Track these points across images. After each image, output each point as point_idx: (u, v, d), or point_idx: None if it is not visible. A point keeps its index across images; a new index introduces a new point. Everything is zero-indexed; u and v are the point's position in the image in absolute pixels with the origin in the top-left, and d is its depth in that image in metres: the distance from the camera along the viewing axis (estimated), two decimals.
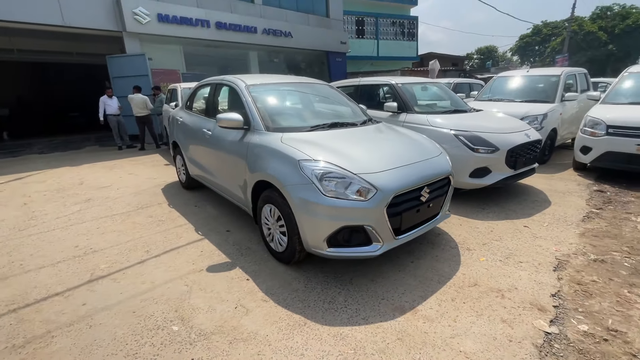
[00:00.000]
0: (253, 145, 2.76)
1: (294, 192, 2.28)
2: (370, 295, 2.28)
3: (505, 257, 2.76)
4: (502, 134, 3.85)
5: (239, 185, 3.03)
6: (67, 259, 2.87)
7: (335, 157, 2.36)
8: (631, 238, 3.04)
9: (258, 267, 2.65)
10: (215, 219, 3.64)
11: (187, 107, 4.39)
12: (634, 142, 4.40)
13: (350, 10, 17.39)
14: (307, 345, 1.85)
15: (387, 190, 2.22)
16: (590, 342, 1.85)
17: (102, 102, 8.43)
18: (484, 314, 2.07)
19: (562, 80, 5.92)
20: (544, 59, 33.02)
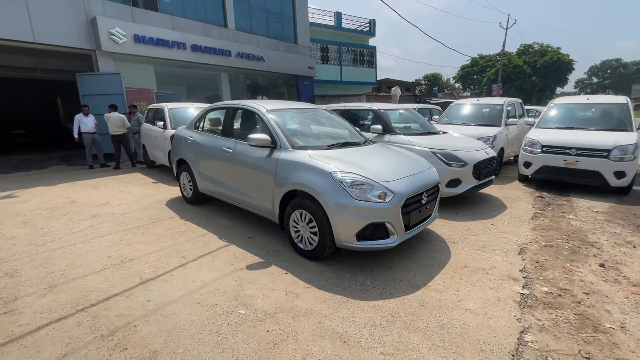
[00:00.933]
0: (282, 161, 3.27)
1: (328, 198, 2.83)
2: (390, 278, 2.87)
3: (481, 247, 3.53)
4: (469, 152, 4.77)
5: (264, 195, 3.49)
6: (107, 267, 3.08)
7: (357, 169, 2.97)
8: (567, 230, 4.01)
9: (290, 264, 3.11)
10: (233, 228, 4.01)
11: (195, 128, 4.75)
12: (561, 158, 5.62)
13: (316, 39, 18.64)
14: (354, 315, 2.37)
15: (401, 194, 2.87)
16: (550, 297, 2.60)
17: (77, 120, 8.25)
18: (477, 285, 2.76)
19: (504, 108, 7.23)
20: (482, 86, 37.42)
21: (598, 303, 2.52)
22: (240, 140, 3.88)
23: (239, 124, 4.23)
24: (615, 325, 2.26)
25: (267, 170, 3.41)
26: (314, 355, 1.99)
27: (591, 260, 3.22)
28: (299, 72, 16.09)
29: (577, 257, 3.28)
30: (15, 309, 2.45)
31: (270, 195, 3.41)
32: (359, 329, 2.21)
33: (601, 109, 6.37)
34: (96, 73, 9.82)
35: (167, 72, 12.59)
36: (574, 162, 5.51)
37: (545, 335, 2.16)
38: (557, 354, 2.00)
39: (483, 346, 2.06)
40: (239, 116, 4.23)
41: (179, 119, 7.35)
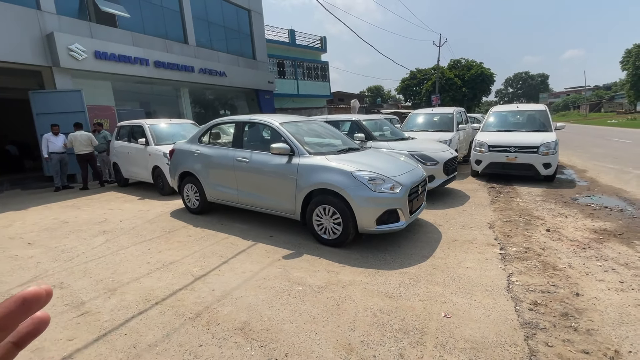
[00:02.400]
0: (303, 166, 3.84)
1: (352, 192, 3.47)
2: (402, 253, 3.57)
3: (461, 226, 4.43)
4: (438, 152, 5.76)
5: (284, 196, 4.00)
6: (153, 270, 3.33)
7: (369, 168, 3.66)
8: (518, 209, 5.13)
9: (319, 252, 3.66)
10: (251, 230, 4.42)
11: (199, 141, 5.07)
12: (504, 155, 6.95)
13: (273, 54, 19.31)
14: (388, 280, 3.01)
15: (407, 186, 3.62)
16: (519, 254, 3.52)
17: (45, 140, 7.83)
18: (468, 252, 3.59)
19: (455, 116, 8.56)
20: (421, 97, 41.19)
21: (551, 254, 3.49)
22: (256, 150, 4.35)
23: (252, 136, 4.68)
24: (565, 265, 3.21)
25: (287, 175, 3.94)
26: (371, 307, 2.59)
27: (540, 228, 4.28)
28: (260, 87, 16.55)
29: (530, 227, 4.32)
30: (89, 310, 2.66)
31: (292, 196, 3.93)
32: (396, 288, 2.86)
33: (528, 115, 7.96)
34: (53, 90, 9.30)
35: (126, 88, 12.25)
36: (514, 158, 6.85)
37: (523, 276, 3.02)
38: (535, 286, 2.85)
39: (486, 287, 2.84)
40: (251, 129, 4.69)
41: (161, 135, 7.44)
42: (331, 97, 24.39)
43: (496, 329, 2.30)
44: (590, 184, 6.63)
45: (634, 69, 36.33)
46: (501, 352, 2.08)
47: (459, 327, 2.34)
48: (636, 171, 7.52)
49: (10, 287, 3.10)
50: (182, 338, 2.28)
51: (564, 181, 7.05)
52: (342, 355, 2.08)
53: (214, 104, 16.73)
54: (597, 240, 3.79)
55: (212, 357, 2.10)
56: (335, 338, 2.24)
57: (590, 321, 2.37)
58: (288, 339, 2.24)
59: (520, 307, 2.55)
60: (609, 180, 6.82)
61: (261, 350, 2.15)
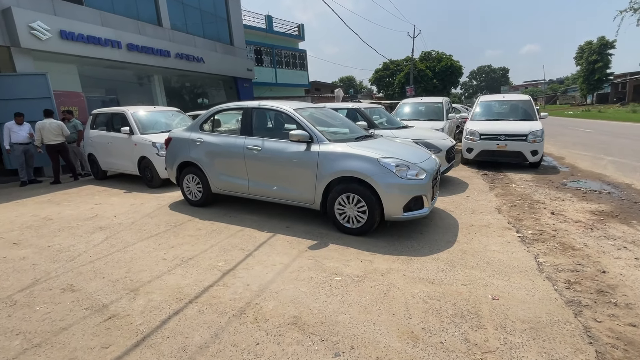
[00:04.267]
0: (325, 153, 3.71)
1: (379, 179, 3.41)
2: (428, 239, 3.59)
3: (472, 212, 4.54)
4: (441, 140, 5.84)
5: (303, 185, 3.86)
6: (174, 267, 3.09)
7: (392, 154, 3.61)
8: (517, 194, 5.35)
9: (345, 241, 3.58)
10: (265, 221, 4.24)
11: (201, 129, 4.75)
12: (495, 143, 7.21)
13: (250, 41, 18.61)
14: (424, 266, 3.01)
15: (430, 172, 3.62)
16: (536, 236, 3.66)
17: (6, 129, 7.02)
18: (488, 236, 3.68)
19: (444, 105, 8.74)
20: (394, 88, 41.90)
21: (565, 235, 3.66)
22: (268, 138, 4.14)
23: (262, 122, 4.45)
24: (582, 245, 3.38)
25: (306, 163, 3.80)
26: (419, 294, 2.57)
27: (544, 211, 4.49)
28: (238, 74, 15.94)
29: (535, 211, 4.52)
30: (116, 313, 2.41)
31: (311, 185, 3.80)
32: (435, 274, 2.86)
33: (514, 105, 8.30)
34: (13, 74, 8.33)
35: (93, 73, 11.29)
36: (504, 146, 7.13)
37: (549, 257, 3.15)
38: (562, 266, 2.98)
39: (519, 269, 2.92)
40: (261, 116, 4.45)
41: (145, 124, 6.92)
42: (309, 87, 24.07)
43: (545, 309, 2.36)
44: (572, 170, 7.07)
45: (587, 64, 39.24)
46: (559, 329, 2.14)
47: (510, 308, 2.37)
48: (608, 157, 8.13)
49: (11, 293, 2.74)
50: (234, 337, 2.13)
51: (548, 167, 7.47)
52: (409, 343, 2.04)
53: (190, 92, 15.91)
54: (599, 221, 4.04)
55: (274, 355, 1.97)
56: (395, 327, 2.19)
57: (625, 296, 2.50)
58: (348, 331, 2.16)
59: (557, 287, 2.65)
60: (587, 166, 7.32)
61: (324, 344, 2.05)
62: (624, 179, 6.00)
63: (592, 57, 38.98)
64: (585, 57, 40.04)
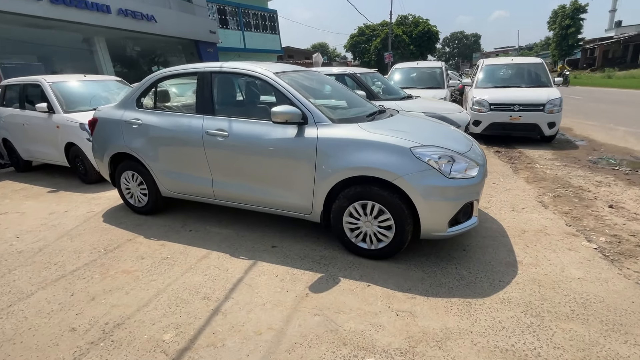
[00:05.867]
0: (327, 140, 2.44)
1: (414, 180, 2.22)
2: (477, 261, 2.51)
3: (510, 207, 3.52)
4: (457, 114, 4.71)
5: (295, 188, 2.62)
6: (86, 350, 1.81)
7: (430, 141, 2.41)
8: (551, 179, 4.40)
9: (360, 271, 2.43)
10: (239, 238, 2.99)
11: (139, 105, 3.28)
12: (507, 114, 6.19)
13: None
14: (496, 320, 1.94)
15: (483, 165, 2.48)
16: (616, 246, 2.69)
17: None
18: (555, 249, 2.66)
19: (444, 71, 7.55)
20: (370, 55, 39.98)
21: None
22: (238, 117, 2.78)
23: (228, 95, 3.05)
24: None
25: (299, 155, 2.53)
26: None
27: (597, 203, 3.55)
28: (200, 37, 13.74)
29: (586, 203, 3.57)
30: None
31: (307, 187, 2.56)
32: (520, 337, 1.80)
33: (525, 69, 7.24)
34: None
35: (12, 34, 8.96)
36: (518, 117, 6.14)
37: None
38: None
39: (635, 313, 1.92)
40: (227, 85, 3.04)
41: (72, 98, 5.22)
42: (282, 53, 21.88)
43: None
44: (591, 144, 6.26)
45: (560, 29, 39.03)
46: None
47: None
48: (621, 127, 7.42)
49: None
50: None
51: (562, 141, 6.62)
52: None
53: (143, 59, 13.60)
54: None
55: None
56: None
57: None
58: None
59: None
60: (605, 139, 6.53)
61: None
62: None
63: (565, 21, 38.71)
64: (558, 21, 39.70)
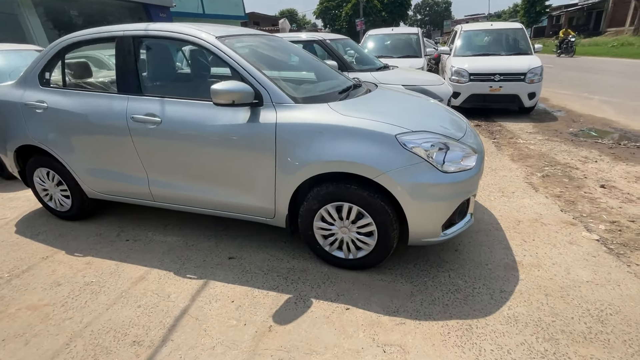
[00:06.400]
0: (288, 127, 1.88)
1: (401, 178, 1.74)
2: (471, 266, 2.14)
3: (500, 192, 3.18)
4: (438, 86, 4.23)
5: (252, 188, 2.08)
6: None
7: (418, 125, 1.92)
8: (537, 155, 4.11)
9: (338, 288, 1.99)
10: (185, 249, 2.43)
11: (43, 82, 2.50)
12: (487, 85, 5.82)
13: None
14: (503, 348, 1.57)
15: (481, 152, 2.04)
16: (617, 235, 2.42)
17: None
18: (554, 244, 2.34)
19: (420, 38, 6.98)
20: (341, 22, 38.25)
21: None
22: (174, 97, 2.13)
23: (162, 67, 2.35)
24: None
25: (254, 146, 1.96)
26: None
27: (589, 183, 3.29)
28: (151, 0, 12.11)
29: (578, 184, 3.30)
30: None
31: (267, 186, 2.03)
32: None
33: (504, 35, 6.82)
34: None
35: None
36: (499, 88, 5.78)
37: None
38: None
39: None
40: (158, 53, 2.33)
41: None
42: (246, 19, 20.12)
43: None
44: (569, 115, 6.07)
45: None
46: None
47: None
48: (595, 97, 7.31)
49: None
50: None
51: (540, 112, 6.40)
52: None
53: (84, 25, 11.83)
54: None
55: None
56: None
57: None
58: None
59: None
60: (582, 109, 6.37)
61: None
62: (637, 125, 5.10)
63: None
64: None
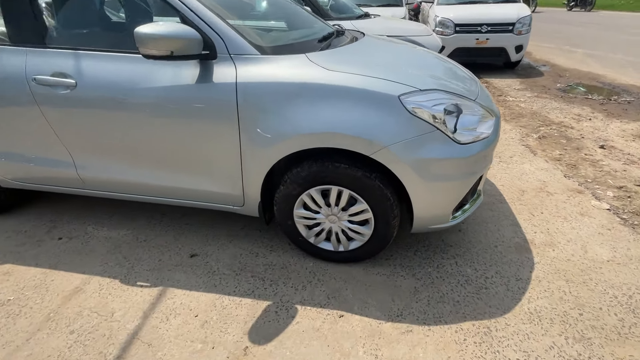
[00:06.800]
0: (253, 87, 1.38)
1: (406, 153, 1.33)
2: (480, 249, 1.85)
3: (497, 158, 2.88)
4: (426, 37, 3.75)
5: (213, 168, 1.60)
6: None
7: (428, 82, 1.48)
8: (529, 114, 3.83)
9: (327, 288, 1.63)
10: (136, 247, 1.96)
11: None
12: (473, 37, 5.37)
13: None
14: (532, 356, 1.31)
15: (498, 114, 1.65)
16: (627, 203, 2.21)
17: None
18: (565, 217, 2.10)
19: None
20: None
21: None
22: (94, 49, 1.53)
23: (75, 6, 1.69)
24: None
25: (208, 115, 1.46)
26: None
27: (588, 144, 3.07)
28: None
29: (576, 145, 3.06)
30: None
31: (232, 167, 1.56)
32: None
33: None
34: None
35: None
36: (485, 41, 5.35)
37: None
38: None
39: None
40: None
41: None
42: None
43: None
44: (554, 69, 5.82)
45: None
46: None
47: None
48: (578, 50, 7.08)
49: None
50: None
51: (525, 67, 6.10)
52: None
53: None
54: None
55: None
56: None
57: None
58: None
59: None
60: (566, 63, 6.13)
61: None
62: (624, 78, 4.93)
63: None
64: None
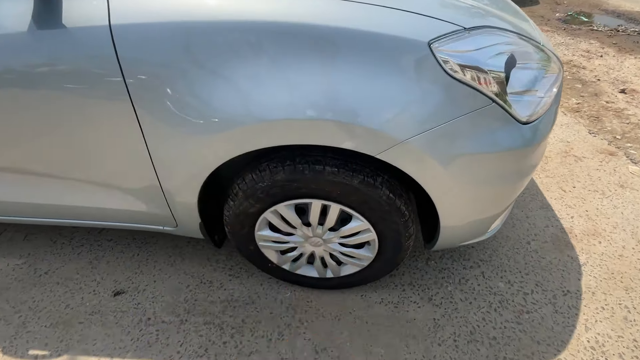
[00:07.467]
0: (139, 29, 0.70)
1: (436, 148, 0.76)
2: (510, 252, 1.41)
3: None
4: None
5: (114, 177, 0.96)
6: None
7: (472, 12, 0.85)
8: None
9: (313, 333, 1.15)
10: (30, 285, 1.34)
11: None
12: None
13: None
14: None
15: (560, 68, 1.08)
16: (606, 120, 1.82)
17: None
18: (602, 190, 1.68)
19: None
20: None
21: None
22: None
23: None
24: None
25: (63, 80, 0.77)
26: None
27: (605, 88, 2.60)
28: None
29: (594, 90, 2.59)
30: None
31: (138, 169, 0.92)
32: None
33: None
34: None
35: None
36: None
37: None
38: None
39: None
40: None
41: None
42: None
43: None
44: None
45: None
46: None
47: None
48: None
49: None
50: None
51: None
52: None
53: None
54: None
55: None
56: None
57: None
58: None
59: None
60: None
61: None
62: (628, 5, 4.37)
63: None
64: None
